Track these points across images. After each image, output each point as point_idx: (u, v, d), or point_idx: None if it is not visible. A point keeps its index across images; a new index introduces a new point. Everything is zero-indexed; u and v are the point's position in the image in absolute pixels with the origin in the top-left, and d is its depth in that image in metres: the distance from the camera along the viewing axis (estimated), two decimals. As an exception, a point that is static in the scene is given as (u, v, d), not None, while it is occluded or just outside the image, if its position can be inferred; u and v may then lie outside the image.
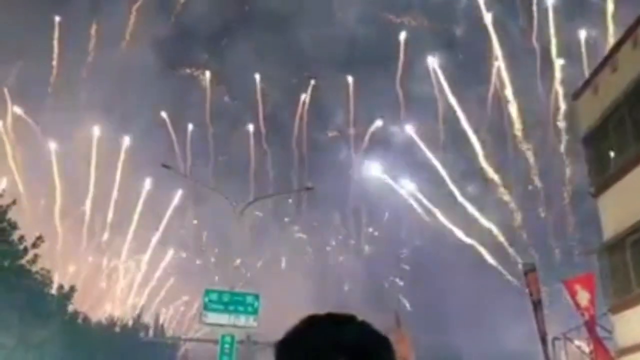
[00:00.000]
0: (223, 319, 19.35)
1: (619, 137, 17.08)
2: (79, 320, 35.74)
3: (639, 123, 16.05)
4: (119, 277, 64.35)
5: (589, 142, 18.84)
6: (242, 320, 19.58)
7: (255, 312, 19.75)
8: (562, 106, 54.62)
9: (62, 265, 54.82)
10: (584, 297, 16.28)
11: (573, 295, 16.79)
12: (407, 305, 62.97)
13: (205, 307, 19.44)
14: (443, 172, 59.19)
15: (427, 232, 60.59)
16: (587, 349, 18.14)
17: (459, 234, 58.30)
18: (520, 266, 31.70)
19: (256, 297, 20.15)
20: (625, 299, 16.24)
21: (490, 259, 58.26)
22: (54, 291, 30.14)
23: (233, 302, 19.62)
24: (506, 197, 58.64)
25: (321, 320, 1.33)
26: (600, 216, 18.33)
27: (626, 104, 16.46)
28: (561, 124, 55.52)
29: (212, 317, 19.44)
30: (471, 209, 58.11)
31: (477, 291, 55.72)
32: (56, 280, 31.80)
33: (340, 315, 1.35)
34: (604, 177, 17.84)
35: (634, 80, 15.92)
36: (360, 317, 1.37)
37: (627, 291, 16.21)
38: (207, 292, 19.86)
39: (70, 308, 32.99)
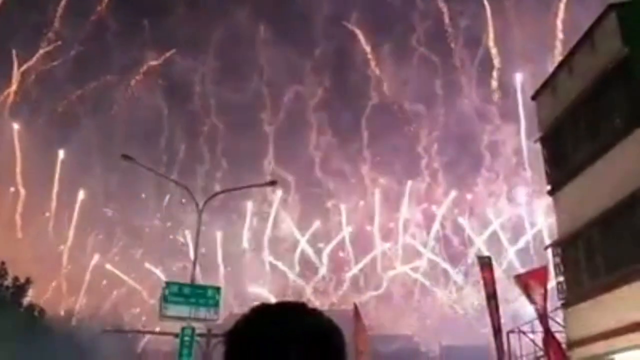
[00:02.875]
0: (184, 311, 19.21)
1: (574, 137, 17.63)
2: (35, 313, 34.88)
3: (593, 124, 16.60)
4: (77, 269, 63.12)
5: (546, 142, 19.36)
6: (202, 312, 19.49)
7: (216, 304, 19.67)
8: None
9: (20, 257, 53.51)
10: (537, 291, 16.70)
11: (526, 289, 17.21)
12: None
13: (166, 300, 19.23)
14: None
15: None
16: (540, 342, 18.65)
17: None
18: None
19: (217, 290, 20.07)
20: (577, 293, 16.82)
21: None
22: (8, 283, 29.41)
23: (194, 294, 19.50)
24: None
25: (272, 309, 1.29)
26: (555, 213, 18.91)
27: (581, 106, 17.00)
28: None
29: (173, 310, 19.24)
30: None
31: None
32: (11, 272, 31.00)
33: (292, 303, 1.32)
34: (559, 175, 18.40)
35: (589, 82, 16.44)
36: (311, 305, 1.32)
37: (579, 285, 16.79)
38: (168, 285, 19.70)
39: (26, 301, 32.22)
